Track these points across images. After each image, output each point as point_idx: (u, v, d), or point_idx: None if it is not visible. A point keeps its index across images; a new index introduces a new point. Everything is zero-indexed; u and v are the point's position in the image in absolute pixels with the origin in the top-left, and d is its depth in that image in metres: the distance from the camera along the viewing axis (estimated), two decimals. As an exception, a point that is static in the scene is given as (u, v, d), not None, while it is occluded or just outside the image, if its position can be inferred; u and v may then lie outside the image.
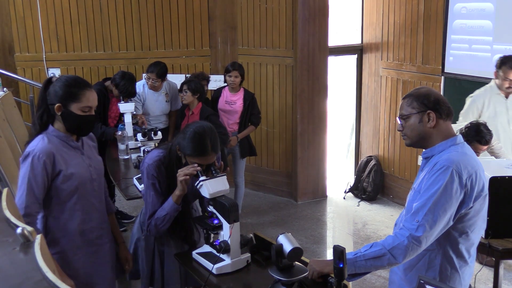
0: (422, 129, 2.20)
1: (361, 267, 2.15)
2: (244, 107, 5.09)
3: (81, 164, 2.46)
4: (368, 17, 6.57)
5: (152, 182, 2.63)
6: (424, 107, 2.18)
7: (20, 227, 1.37)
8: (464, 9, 5.27)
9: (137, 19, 6.12)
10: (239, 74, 5.07)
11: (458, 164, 2.10)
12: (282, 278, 2.12)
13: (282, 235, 2.19)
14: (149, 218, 2.64)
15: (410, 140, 2.27)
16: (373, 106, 6.62)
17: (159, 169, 2.62)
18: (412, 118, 2.21)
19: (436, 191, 2.08)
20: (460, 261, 2.23)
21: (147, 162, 2.65)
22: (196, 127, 2.54)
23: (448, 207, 2.08)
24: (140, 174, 3.79)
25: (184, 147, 2.53)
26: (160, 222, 2.60)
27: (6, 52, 5.90)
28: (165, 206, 2.59)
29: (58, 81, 2.41)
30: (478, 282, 4.18)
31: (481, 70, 5.11)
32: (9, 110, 4.30)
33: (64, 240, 2.44)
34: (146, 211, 2.68)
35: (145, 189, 2.68)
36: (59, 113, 2.37)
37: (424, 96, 2.20)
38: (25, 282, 1.18)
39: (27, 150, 2.37)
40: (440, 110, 2.19)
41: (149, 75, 5.02)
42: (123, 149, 4.45)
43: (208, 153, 2.51)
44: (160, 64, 5.04)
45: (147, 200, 2.66)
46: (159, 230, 2.64)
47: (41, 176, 2.32)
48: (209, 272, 2.39)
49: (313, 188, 6.16)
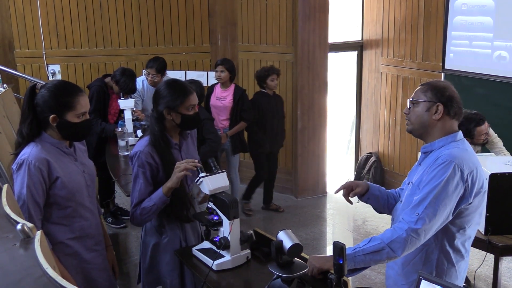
0: (426, 119, 2.21)
1: (361, 262, 2.16)
2: (234, 103, 5.08)
3: (75, 170, 2.41)
4: (369, 13, 6.56)
5: (142, 171, 2.59)
6: (436, 99, 2.19)
7: (20, 223, 1.37)
8: (465, 5, 5.26)
9: (137, 16, 6.11)
10: (225, 69, 5.07)
11: (460, 160, 2.11)
12: (282, 275, 2.12)
13: (282, 232, 2.19)
14: (134, 206, 2.60)
15: (412, 126, 2.27)
16: (373, 103, 6.62)
17: (151, 156, 2.60)
18: (421, 105, 2.22)
19: (437, 185, 2.08)
20: (457, 256, 2.24)
21: (138, 150, 2.62)
22: (166, 82, 2.70)
23: (448, 202, 2.09)
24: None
25: (171, 102, 2.60)
26: (146, 212, 2.57)
27: (6, 48, 5.89)
28: (153, 197, 2.57)
29: (46, 90, 2.30)
30: (478, 279, 4.19)
31: (482, 67, 5.11)
32: (9, 107, 4.30)
33: (61, 246, 2.39)
34: (132, 199, 2.63)
35: (134, 177, 2.64)
36: (54, 124, 2.29)
37: (440, 88, 2.21)
38: (25, 278, 1.18)
39: (20, 158, 2.28)
40: (450, 107, 2.19)
41: (148, 71, 5.04)
42: (123, 146, 4.45)
43: (190, 91, 2.65)
44: (159, 59, 5.05)
45: (135, 188, 2.62)
46: (143, 220, 2.62)
47: (39, 183, 2.26)
48: (209, 268, 2.39)
49: (313, 185, 6.16)
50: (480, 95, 5.11)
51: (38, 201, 2.28)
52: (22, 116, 2.36)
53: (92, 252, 2.49)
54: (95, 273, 2.51)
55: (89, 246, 2.48)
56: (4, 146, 3.57)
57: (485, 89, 5.09)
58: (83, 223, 2.44)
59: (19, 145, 2.35)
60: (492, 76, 5.01)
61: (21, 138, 2.34)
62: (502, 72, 4.92)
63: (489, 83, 5.06)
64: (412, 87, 6.00)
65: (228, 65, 5.10)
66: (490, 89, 5.05)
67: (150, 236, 2.77)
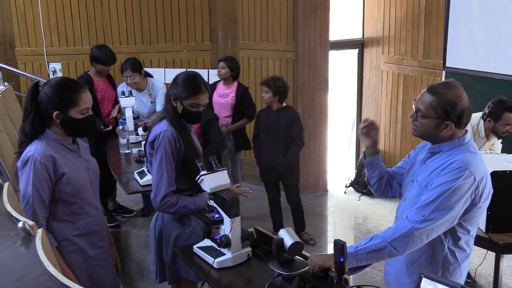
0: (435, 133, 2.16)
1: (362, 260, 2.15)
2: (237, 100, 5.08)
3: (80, 167, 2.43)
4: (369, 11, 6.55)
5: (169, 151, 2.63)
6: (447, 116, 2.11)
7: (21, 221, 1.37)
8: (466, 2, 5.24)
9: (138, 13, 6.11)
10: (226, 66, 5.04)
11: (474, 166, 2.09)
12: (283, 272, 2.12)
13: (283, 230, 2.19)
14: (164, 197, 2.62)
15: (419, 134, 2.22)
16: (374, 101, 6.61)
17: (175, 136, 2.66)
18: (429, 120, 2.14)
19: (448, 189, 2.06)
20: (462, 255, 2.25)
21: (162, 130, 2.66)
22: (186, 73, 2.75)
23: (456, 207, 2.08)
24: (140, 168, 3.82)
25: (179, 92, 2.67)
26: (181, 210, 2.66)
27: (7, 46, 5.89)
28: (198, 202, 2.68)
29: (49, 87, 2.33)
30: (478, 277, 4.19)
31: (483, 64, 5.10)
32: (10, 105, 4.30)
33: (67, 243, 2.41)
34: (160, 187, 2.63)
35: (159, 160, 2.64)
36: (58, 120, 2.32)
37: (451, 105, 2.09)
38: (27, 275, 1.19)
39: (25, 155, 2.29)
40: (460, 122, 2.13)
41: (125, 75, 4.83)
42: (124, 143, 4.46)
43: (202, 91, 2.68)
44: (131, 59, 4.90)
45: (162, 175, 2.63)
46: (171, 213, 2.71)
47: (45, 180, 2.27)
48: (210, 266, 2.40)
49: (314, 183, 6.16)
50: (482, 93, 5.10)
51: (44, 198, 2.29)
52: (25, 113, 2.38)
53: (97, 248, 2.51)
54: (100, 270, 2.53)
55: (94, 242, 2.50)
56: (5, 144, 3.58)
57: (487, 87, 5.09)
58: (88, 220, 2.46)
59: (22, 143, 2.37)
60: (494, 74, 5.01)
61: (24, 135, 2.36)
62: (504, 70, 4.91)
63: (490, 81, 5.06)
64: (413, 85, 6.00)
65: (231, 63, 5.08)
66: (492, 87, 5.04)
67: (171, 228, 2.78)
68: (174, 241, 2.77)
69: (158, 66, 6.19)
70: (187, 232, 2.75)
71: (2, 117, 3.85)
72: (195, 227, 2.76)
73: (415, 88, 5.99)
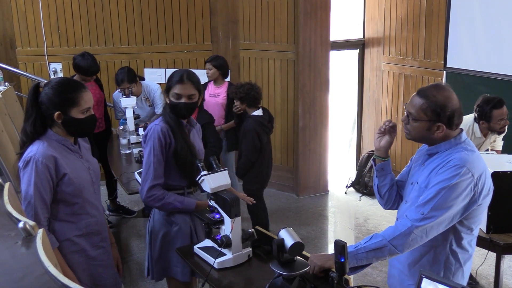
0: (428, 135, 2.19)
1: (363, 259, 2.16)
2: (228, 100, 5.06)
3: (81, 167, 2.44)
4: (370, 11, 6.55)
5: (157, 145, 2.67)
6: (437, 118, 2.13)
7: (22, 221, 1.38)
8: (466, 3, 5.24)
9: (139, 13, 6.11)
10: (212, 66, 5.01)
11: (471, 164, 2.10)
12: (284, 273, 2.12)
13: (284, 230, 2.19)
14: (150, 188, 2.68)
15: (411, 137, 2.27)
16: (375, 101, 6.61)
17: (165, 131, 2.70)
18: (421, 123, 2.17)
19: (446, 187, 2.07)
20: (464, 256, 2.25)
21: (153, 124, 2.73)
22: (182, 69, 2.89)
23: (455, 205, 2.08)
24: (141, 169, 3.81)
25: (167, 86, 2.77)
26: (166, 207, 2.71)
27: (7, 46, 5.90)
28: (186, 202, 2.71)
29: (49, 87, 2.34)
30: (479, 277, 4.19)
31: (483, 64, 5.10)
32: (10, 105, 4.30)
33: (68, 243, 2.41)
34: (147, 178, 2.70)
35: (147, 153, 2.71)
36: (59, 121, 2.32)
37: (440, 107, 2.11)
38: (27, 276, 1.19)
39: (27, 155, 2.30)
40: (452, 123, 2.14)
41: (122, 87, 4.74)
42: (125, 144, 4.46)
43: (182, 81, 2.71)
44: (124, 69, 4.84)
45: (149, 167, 2.69)
46: (157, 208, 2.76)
47: (46, 181, 2.28)
48: (211, 266, 2.40)
49: (315, 183, 6.16)
50: (482, 93, 5.07)
51: (45, 199, 2.30)
52: (26, 114, 2.39)
53: (98, 249, 2.52)
54: (101, 270, 2.54)
55: (96, 242, 2.51)
56: (6, 144, 3.58)
57: (487, 87, 5.08)
58: (90, 220, 2.47)
59: (24, 144, 2.37)
60: (494, 74, 5.01)
61: (25, 136, 2.36)
62: (504, 70, 4.91)
63: (491, 81, 5.05)
64: (413, 85, 5.99)
65: (216, 63, 5.03)
66: (492, 87, 5.04)
67: (160, 225, 2.82)
68: (161, 239, 2.81)
69: (159, 67, 6.19)
70: (174, 231, 2.78)
71: (3, 117, 3.85)
72: (182, 226, 2.78)
73: (415, 89, 5.94)
